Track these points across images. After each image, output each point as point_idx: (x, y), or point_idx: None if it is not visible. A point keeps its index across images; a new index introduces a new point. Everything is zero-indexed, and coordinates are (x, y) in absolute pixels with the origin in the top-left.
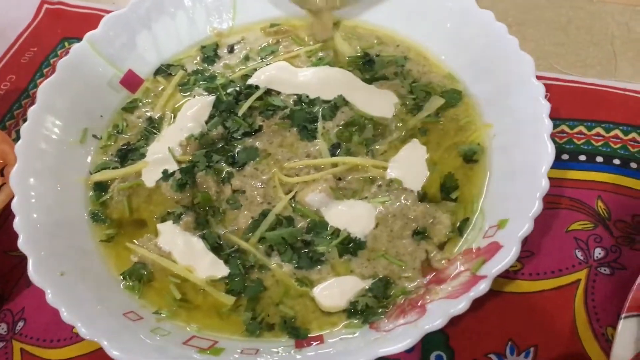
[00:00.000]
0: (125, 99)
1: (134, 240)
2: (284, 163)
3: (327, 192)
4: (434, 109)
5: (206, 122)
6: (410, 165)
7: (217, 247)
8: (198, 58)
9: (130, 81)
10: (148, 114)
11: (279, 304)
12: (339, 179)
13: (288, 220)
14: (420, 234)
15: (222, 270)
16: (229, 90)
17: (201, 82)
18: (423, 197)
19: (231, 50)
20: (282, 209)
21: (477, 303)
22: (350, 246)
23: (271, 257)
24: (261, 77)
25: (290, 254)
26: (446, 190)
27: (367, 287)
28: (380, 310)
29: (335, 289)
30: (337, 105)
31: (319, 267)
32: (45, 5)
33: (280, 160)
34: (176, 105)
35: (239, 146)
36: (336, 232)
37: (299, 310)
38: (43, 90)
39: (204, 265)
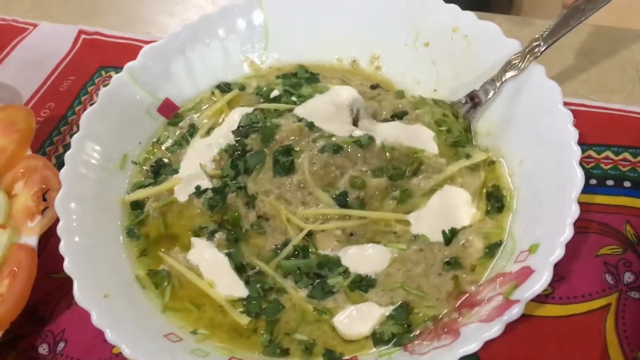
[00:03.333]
0: (161, 126)
1: (163, 250)
2: (297, 204)
3: (339, 240)
4: (479, 159)
5: (233, 132)
6: (441, 216)
7: (240, 268)
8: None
9: (167, 109)
10: (191, 122)
11: (296, 329)
12: (351, 234)
13: (304, 251)
14: (450, 265)
15: (240, 291)
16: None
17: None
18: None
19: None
20: (299, 241)
21: (509, 327)
22: (361, 283)
23: (287, 282)
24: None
25: (305, 281)
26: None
27: (387, 313)
28: (407, 335)
29: (355, 317)
30: (361, 143)
31: (332, 297)
32: (83, 36)
33: (291, 200)
34: (219, 121)
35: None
36: (347, 271)
37: (318, 336)
38: (86, 119)
39: (225, 283)
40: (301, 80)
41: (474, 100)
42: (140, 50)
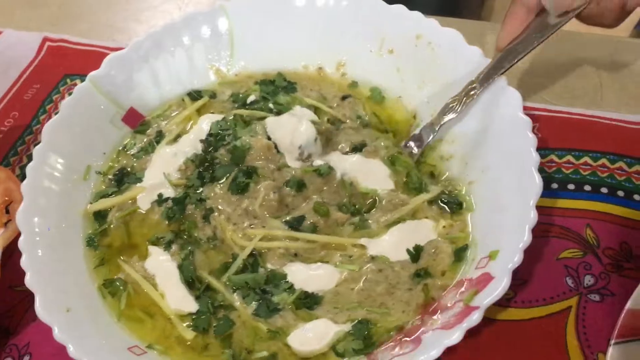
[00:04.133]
0: (127, 135)
1: (123, 258)
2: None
3: (284, 255)
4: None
5: (201, 141)
6: (405, 239)
7: (190, 283)
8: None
9: (132, 118)
10: (158, 129)
11: (252, 347)
12: (295, 254)
13: (253, 267)
14: (420, 276)
15: (190, 306)
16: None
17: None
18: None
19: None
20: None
21: (471, 331)
22: (307, 300)
23: (235, 299)
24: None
25: (252, 296)
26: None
27: (346, 330)
28: (369, 349)
29: (310, 336)
30: (321, 172)
31: (279, 314)
32: (48, 43)
33: (237, 222)
34: (187, 129)
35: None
36: (292, 288)
37: (277, 352)
38: (47, 130)
39: (176, 297)
40: (278, 88)
41: (417, 142)
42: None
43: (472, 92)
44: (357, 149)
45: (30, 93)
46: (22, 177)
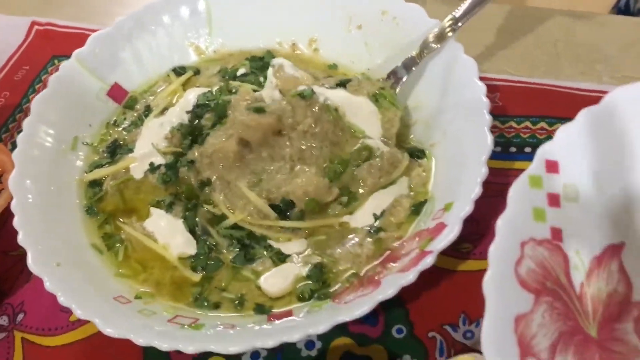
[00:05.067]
0: (112, 109)
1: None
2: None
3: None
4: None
5: (187, 112)
6: (378, 207)
7: (192, 230)
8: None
9: (116, 93)
10: (146, 104)
11: (226, 287)
12: None
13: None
14: (373, 232)
15: (192, 249)
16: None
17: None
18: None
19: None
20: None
21: (435, 281)
22: (280, 257)
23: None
24: None
25: (235, 246)
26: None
27: (304, 274)
28: (325, 291)
29: (277, 276)
30: (304, 95)
31: (254, 263)
32: (36, 27)
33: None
34: (173, 102)
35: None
36: (271, 247)
37: (246, 293)
38: (36, 103)
39: (178, 243)
40: (267, 64)
41: (395, 76)
42: None
43: (448, 30)
44: (341, 84)
45: (20, 74)
46: (14, 150)
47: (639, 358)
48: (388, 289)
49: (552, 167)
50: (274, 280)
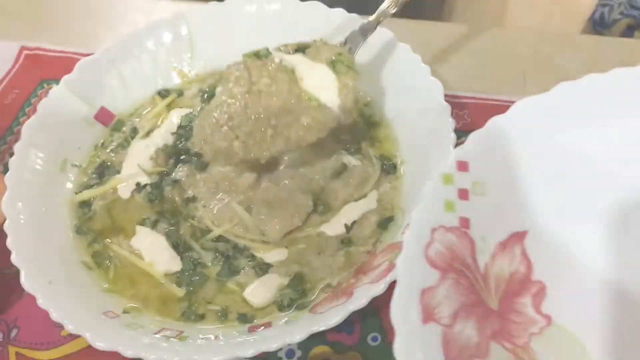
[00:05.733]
0: (99, 131)
1: (109, 240)
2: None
3: None
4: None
5: (172, 134)
6: (349, 216)
7: (175, 246)
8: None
9: (103, 116)
10: (132, 126)
11: (212, 300)
12: None
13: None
14: (344, 243)
15: (176, 265)
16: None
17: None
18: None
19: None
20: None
21: None
22: (263, 267)
23: (208, 258)
24: None
25: (219, 259)
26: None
27: (285, 283)
28: (304, 300)
29: (260, 287)
30: (260, 54)
31: (238, 275)
32: (25, 51)
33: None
34: (158, 124)
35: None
36: (253, 257)
37: (231, 304)
38: (26, 128)
39: (163, 260)
40: None
41: (353, 42)
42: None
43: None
44: (300, 50)
45: (10, 98)
46: (5, 172)
47: (533, 327)
48: (360, 299)
49: (462, 166)
50: (257, 291)
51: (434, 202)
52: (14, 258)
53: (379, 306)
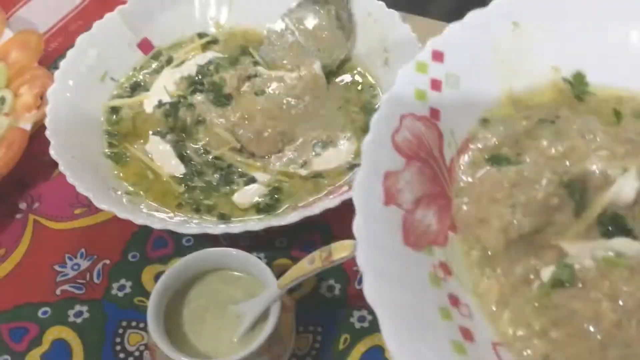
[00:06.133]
0: (138, 57)
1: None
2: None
3: None
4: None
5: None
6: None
7: (181, 156)
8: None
9: (144, 46)
10: (169, 57)
11: (207, 197)
12: None
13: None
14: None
15: (180, 170)
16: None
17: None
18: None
19: None
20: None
21: None
22: (250, 180)
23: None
24: None
25: (217, 171)
26: None
27: (266, 192)
28: (278, 207)
29: (247, 192)
30: None
31: (231, 185)
32: None
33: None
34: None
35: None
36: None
37: (219, 204)
38: (80, 39)
39: (169, 165)
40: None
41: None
42: None
43: None
44: None
45: (73, 26)
46: None
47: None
48: (315, 209)
49: (437, 56)
50: (243, 195)
51: (406, 88)
52: (47, 132)
53: (337, 233)
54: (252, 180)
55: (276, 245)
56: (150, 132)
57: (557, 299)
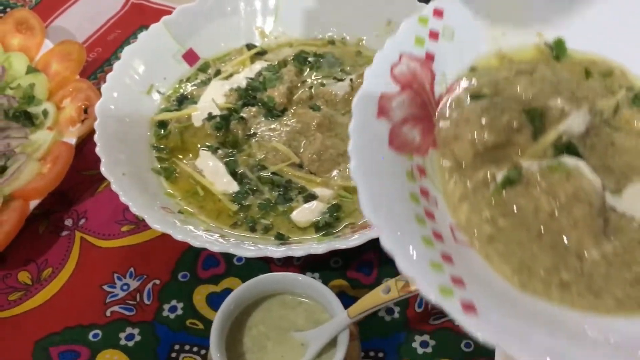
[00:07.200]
0: (184, 69)
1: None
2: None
3: None
4: None
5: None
6: None
7: (234, 173)
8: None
9: (189, 57)
10: (217, 69)
11: (264, 216)
12: None
13: (278, 174)
14: None
15: (233, 188)
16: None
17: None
18: None
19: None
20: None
21: None
22: (310, 197)
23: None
24: None
25: (275, 190)
26: None
27: (325, 210)
28: (337, 225)
29: (306, 210)
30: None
31: (290, 203)
32: (132, 0)
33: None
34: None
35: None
36: (304, 189)
37: (277, 223)
38: (126, 52)
39: (222, 182)
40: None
41: None
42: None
43: None
44: None
45: (112, 36)
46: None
47: None
48: (370, 234)
49: (438, 13)
50: (302, 213)
51: (407, 35)
52: (97, 149)
53: None
54: (312, 196)
55: (331, 265)
56: (200, 147)
57: (507, 196)
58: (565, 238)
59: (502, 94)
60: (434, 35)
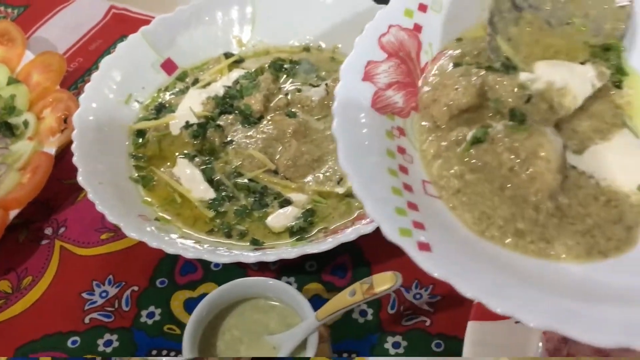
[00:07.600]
0: (162, 78)
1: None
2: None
3: None
4: None
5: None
6: None
7: (210, 180)
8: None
9: (168, 66)
10: (195, 78)
11: (239, 222)
12: None
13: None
14: (347, 196)
15: (210, 195)
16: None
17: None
18: None
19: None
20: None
21: (397, 251)
22: (285, 202)
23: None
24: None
25: (251, 196)
26: None
27: (300, 215)
28: (311, 230)
29: (281, 215)
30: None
31: (267, 208)
32: (113, 10)
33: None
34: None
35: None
36: (280, 195)
37: (252, 229)
38: (104, 62)
39: (198, 190)
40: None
41: None
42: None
43: None
44: None
45: (93, 45)
46: None
47: None
48: (349, 235)
49: None
50: (277, 218)
51: (397, 7)
52: (74, 159)
53: (371, 259)
54: (287, 202)
55: (306, 269)
56: (177, 155)
57: (474, 153)
58: (523, 191)
59: (481, 61)
60: (422, 7)
